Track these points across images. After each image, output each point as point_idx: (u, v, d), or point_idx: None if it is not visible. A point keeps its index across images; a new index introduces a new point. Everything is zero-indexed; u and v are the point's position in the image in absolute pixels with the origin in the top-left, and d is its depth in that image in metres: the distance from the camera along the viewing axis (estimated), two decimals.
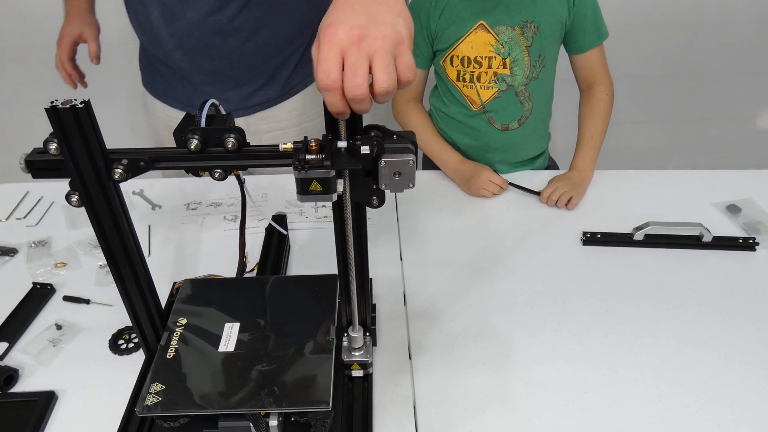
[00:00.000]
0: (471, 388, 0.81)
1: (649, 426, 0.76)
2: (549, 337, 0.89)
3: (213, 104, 0.68)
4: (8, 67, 1.94)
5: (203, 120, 0.64)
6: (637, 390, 0.80)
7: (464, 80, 1.26)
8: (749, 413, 0.77)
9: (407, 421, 0.76)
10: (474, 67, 1.24)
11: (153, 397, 0.67)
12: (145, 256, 0.73)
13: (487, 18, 1.19)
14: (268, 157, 0.62)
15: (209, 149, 0.63)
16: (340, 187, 0.60)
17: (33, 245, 1.07)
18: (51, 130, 0.59)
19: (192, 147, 0.61)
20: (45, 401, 0.78)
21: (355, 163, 0.58)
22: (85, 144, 0.59)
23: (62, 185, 0.96)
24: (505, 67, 1.22)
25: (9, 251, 1.06)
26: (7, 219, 1.15)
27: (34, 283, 0.97)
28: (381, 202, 0.64)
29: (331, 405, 0.66)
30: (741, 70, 2.21)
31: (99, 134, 0.60)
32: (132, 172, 0.62)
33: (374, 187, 0.63)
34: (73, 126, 0.58)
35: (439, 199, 1.21)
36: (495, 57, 1.21)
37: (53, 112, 0.57)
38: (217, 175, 0.63)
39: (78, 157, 0.60)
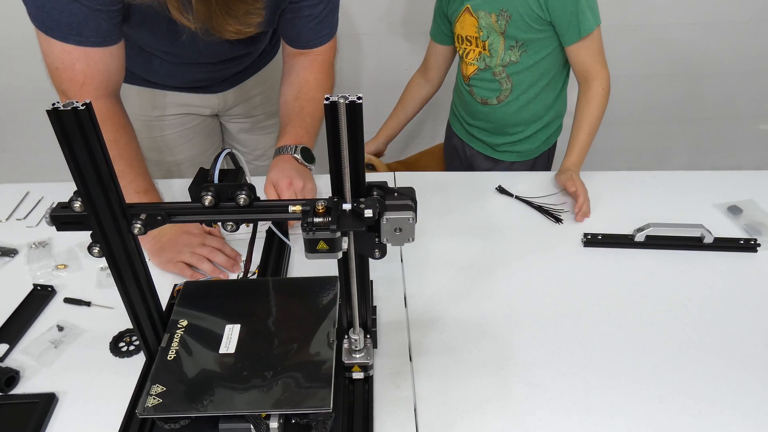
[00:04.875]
0: (472, 390, 0.81)
1: (650, 428, 0.76)
2: (550, 338, 0.89)
3: (229, 154, 0.77)
4: (8, 67, 1.94)
5: (216, 175, 0.70)
6: (638, 392, 0.80)
7: (460, 55, 1.42)
8: (751, 415, 0.77)
9: (408, 423, 0.76)
10: (465, 45, 1.37)
11: (153, 398, 0.67)
12: (146, 259, 0.73)
13: (471, 2, 1.31)
14: (277, 212, 0.67)
15: (222, 204, 0.67)
16: (345, 245, 0.64)
17: (33, 246, 1.07)
18: (52, 132, 0.59)
19: (206, 203, 0.66)
20: (45, 403, 0.78)
21: (359, 225, 0.63)
22: (87, 146, 0.59)
23: (63, 185, 0.96)
24: (485, 48, 1.34)
25: (9, 252, 1.06)
26: (7, 219, 1.15)
27: (35, 285, 0.97)
28: (383, 254, 0.69)
29: (331, 406, 0.67)
30: (741, 70, 2.21)
31: (100, 136, 0.60)
32: (150, 226, 0.67)
33: (377, 240, 0.67)
34: (75, 128, 0.58)
35: (440, 199, 1.21)
36: (479, 38, 1.33)
37: (54, 113, 0.57)
38: (229, 228, 0.68)
39: (100, 212, 0.64)
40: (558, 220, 1.15)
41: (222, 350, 0.73)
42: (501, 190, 1.23)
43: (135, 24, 0.98)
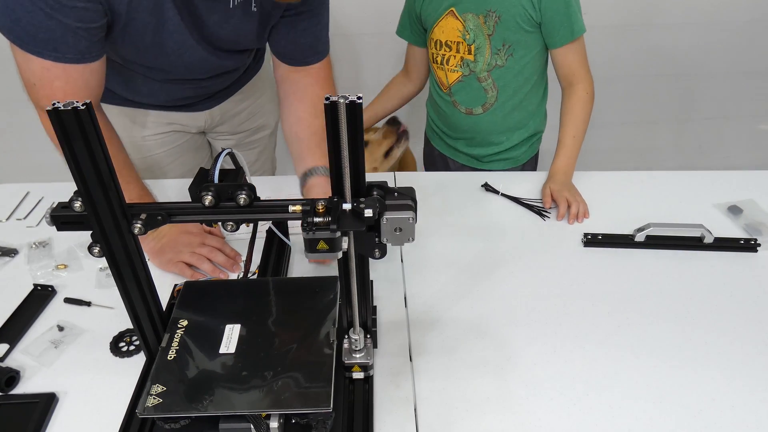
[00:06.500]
0: (472, 390, 0.81)
1: (650, 428, 0.76)
2: (550, 338, 0.89)
3: (228, 155, 0.76)
4: (8, 67, 1.94)
5: (216, 175, 0.70)
6: (638, 392, 0.80)
7: (437, 62, 1.37)
8: (751, 415, 0.77)
9: (408, 423, 0.76)
10: (445, 51, 1.33)
11: (154, 398, 0.67)
12: (146, 259, 0.73)
13: (457, 5, 1.27)
14: (278, 212, 0.67)
15: (222, 204, 0.67)
16: (345, 245, 0.64)
17: (34, 246, 1.07)
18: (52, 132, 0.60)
19: (206, 203, 0.66)
20: (46, 403, 0.78)
21: (359, 225, 0.63)
22: (87, 146, 0.59)
23: (63, 185, 0.96)
24: (470, 53, 1.30)
25: (9, 252, 1.06)
26: (7, 219, 1.15)
27: (35, 285, 0.97)
28: (383, 254, 0.69)
29: (332, 406, 0.67)
30: (741, 70, 2.22)
31: (100, 136, 0.60)
32: (151, 225, 0.66)
33: (377, 240, 0.67)
34: (75, 128, 0.58)
35: (440, 200, 1.21)
36: (462, 42, 1.29)
37: (55, 113, 0.57)
38: (229, 228, 0.68)
39: (101, 212, 0.64)
40: (543, 216, 1.15)
41: (222, 350, 0.73)
42: (487, 187, 1.23)
43: (118, 38, 0.96)
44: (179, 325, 0.77)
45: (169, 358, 0.72)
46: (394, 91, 1.55)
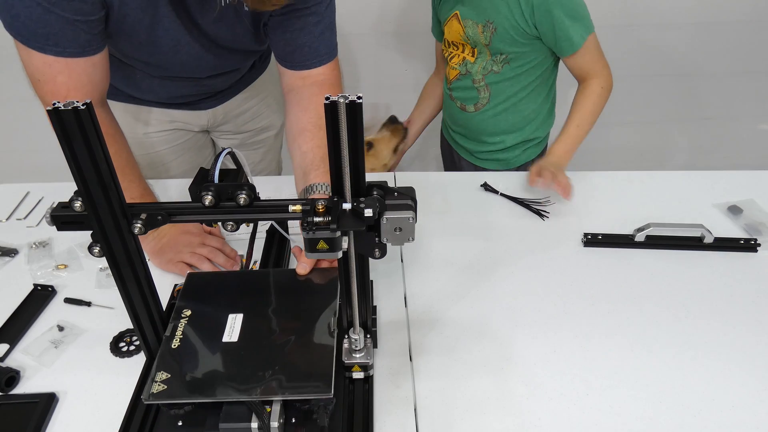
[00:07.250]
0: (472, 390, 0.81)
1: (651, 428, 0.76)
2: (550, 338, 0.89)
3: (228, 154, 0.76)
4: (8, 67, 1.94)
5: (216, 175, 0.70)
6: (638, 392, 0.80)
7: (444, 58, 1.45)
8: (751, 416, 0.77)
9: (408, 423, 0.76)
10: (452, 49, 1.38)
11: (159, 385, 0.68)
12: (146, 258, 0.73)
13: (461, 10, 1.30)
14: (278, 211, 0.67)
15: (222, 204, 0.67)
16: (345, 245, 0.65)
17: (34, 246, 1.07)
18: (51, 132, 0.60)
19: (206, 203, 0.66)
20: (45, 403, 0.78)
21: (359, 225, 0.63)
22: (87, 146, 0.59)
23: (63, 185, 0.96)
24: (472, 56, 1.34)
25: (9, 252, 1.06)
26: (7, 219, 1.15)
27: (35, 285, 0.97)
28: (383, 253, 0.69)
29: (332, 393, 0.67)
30: (741, 69, 2.21)
31: (100, 136, 0.60)
32: (151, 225, 0.67)
33: (377, 240, 0.67)
34: (75, 127, 0.58)
35: (440, 199, 1.21)
36: (466, 45, 1.34)
37: (55, 113, 0.57)
38: (229, 228, 0.68)
39: (101, 212, 0.64)
40: (542, 216, 1.15)
41: (225, 338, 0.74)
42: (487, 187, 1.23)
43: (113, 33, 0.95)
44: (183, 315, 0.78)
45: (173, 346, 0.73)
46: (431, 92, 1.59)
